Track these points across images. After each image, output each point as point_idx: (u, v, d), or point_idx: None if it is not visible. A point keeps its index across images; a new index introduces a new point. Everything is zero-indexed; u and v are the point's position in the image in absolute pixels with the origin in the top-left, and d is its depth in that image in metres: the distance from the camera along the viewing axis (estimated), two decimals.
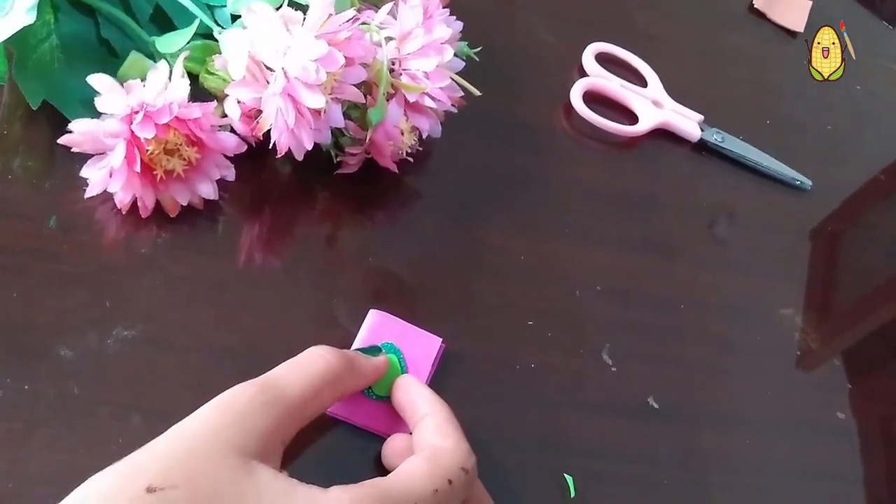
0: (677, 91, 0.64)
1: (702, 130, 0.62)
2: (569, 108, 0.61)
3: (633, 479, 0.47)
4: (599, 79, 0.63)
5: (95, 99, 0.43)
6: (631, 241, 0.57)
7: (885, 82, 0.73)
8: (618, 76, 0.63)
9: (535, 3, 0.66)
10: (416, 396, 0.41)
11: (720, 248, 0.59)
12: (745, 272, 0.58)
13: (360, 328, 0.46)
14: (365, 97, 0.46)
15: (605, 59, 0.64)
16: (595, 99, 0.62)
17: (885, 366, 0.58)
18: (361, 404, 0.43)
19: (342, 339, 0.45)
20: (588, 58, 0.63)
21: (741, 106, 0.67)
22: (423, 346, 0.46)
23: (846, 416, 0.53)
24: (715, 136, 0.62)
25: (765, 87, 0.69)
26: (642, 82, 0.64)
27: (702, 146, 0.63)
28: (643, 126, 0.61)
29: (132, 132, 0.42)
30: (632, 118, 0.62)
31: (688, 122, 0.62)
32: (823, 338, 0.57)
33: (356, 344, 0.45)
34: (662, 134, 0.63)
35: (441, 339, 0.46)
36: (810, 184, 0.63)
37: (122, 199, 0.44)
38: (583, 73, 0.63)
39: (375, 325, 0.45)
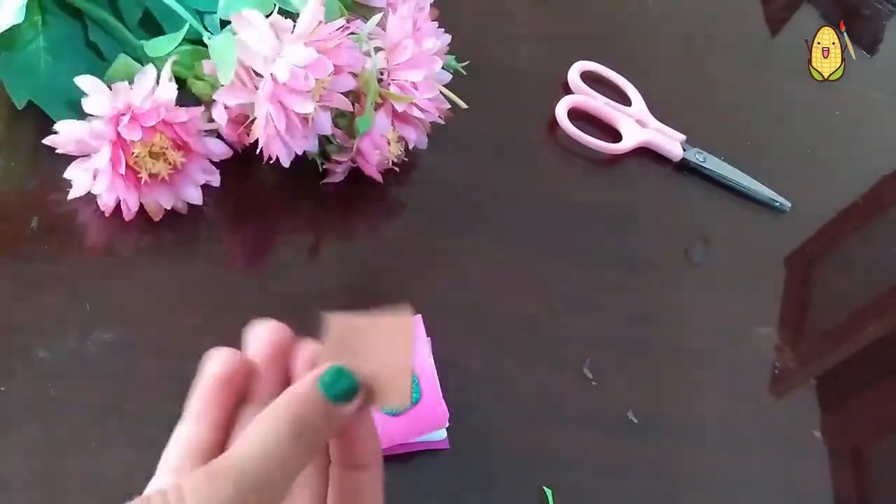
0: (661, 110, 0.64)
1: (684, 150, 0.63)
2: (554, 124, 0.61)
3: (612, 493, 0.47)
4: (584, 96, 0.63)
5: (82, 100, 0.43)
6: (611, 257, 0.57)
7: (864, 108, 0.74)
8: (602, 94, 0.64)
9: (523, 20, 0.67)
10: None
11: (699, 266, 0.60)
12: (723, 291, 0.58)
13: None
14: (353, 106, 0.47)
15: (590, 78, 0.65)
16: (580, 116, 0.63)
17: (859, 386, 0.59)
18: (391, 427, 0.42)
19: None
20: (574, 76, 0.64)
21: (723, 126, 0.67)
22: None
23: (821, 434, 0.54)
24: (696, 156, 0.63)
25: (747, 109, 0.70)
26: (626, 101, 0.65)
27: (683, 165, 0.63)
28: (626, 144, 0.62)
29: (118, 134, 0.42)
30: (615, 136, 0.63)
31: (670, 142, 0.63)
32: (800, 357, 0.57)
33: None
34: (645, 152, 0.63)
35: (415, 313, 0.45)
36: (789, 205, 0.64)
37: (106, 202, 0.44)
38: (568, 91, 0.64)
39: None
